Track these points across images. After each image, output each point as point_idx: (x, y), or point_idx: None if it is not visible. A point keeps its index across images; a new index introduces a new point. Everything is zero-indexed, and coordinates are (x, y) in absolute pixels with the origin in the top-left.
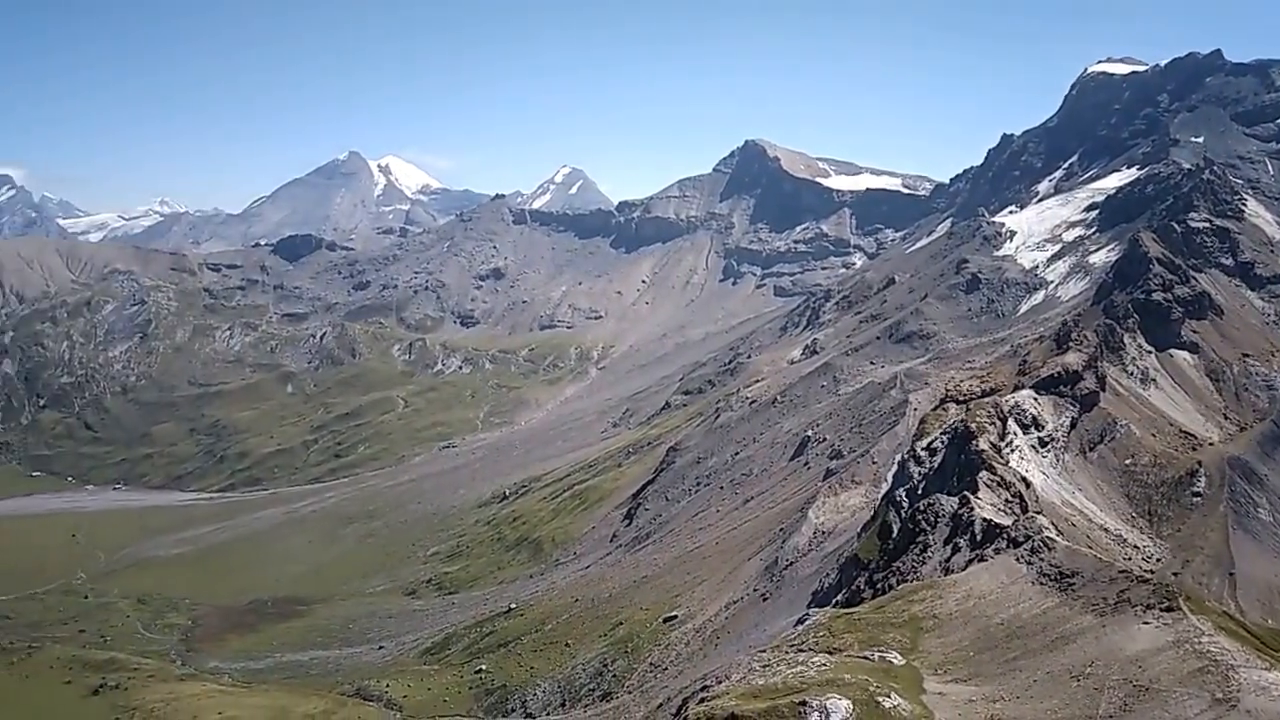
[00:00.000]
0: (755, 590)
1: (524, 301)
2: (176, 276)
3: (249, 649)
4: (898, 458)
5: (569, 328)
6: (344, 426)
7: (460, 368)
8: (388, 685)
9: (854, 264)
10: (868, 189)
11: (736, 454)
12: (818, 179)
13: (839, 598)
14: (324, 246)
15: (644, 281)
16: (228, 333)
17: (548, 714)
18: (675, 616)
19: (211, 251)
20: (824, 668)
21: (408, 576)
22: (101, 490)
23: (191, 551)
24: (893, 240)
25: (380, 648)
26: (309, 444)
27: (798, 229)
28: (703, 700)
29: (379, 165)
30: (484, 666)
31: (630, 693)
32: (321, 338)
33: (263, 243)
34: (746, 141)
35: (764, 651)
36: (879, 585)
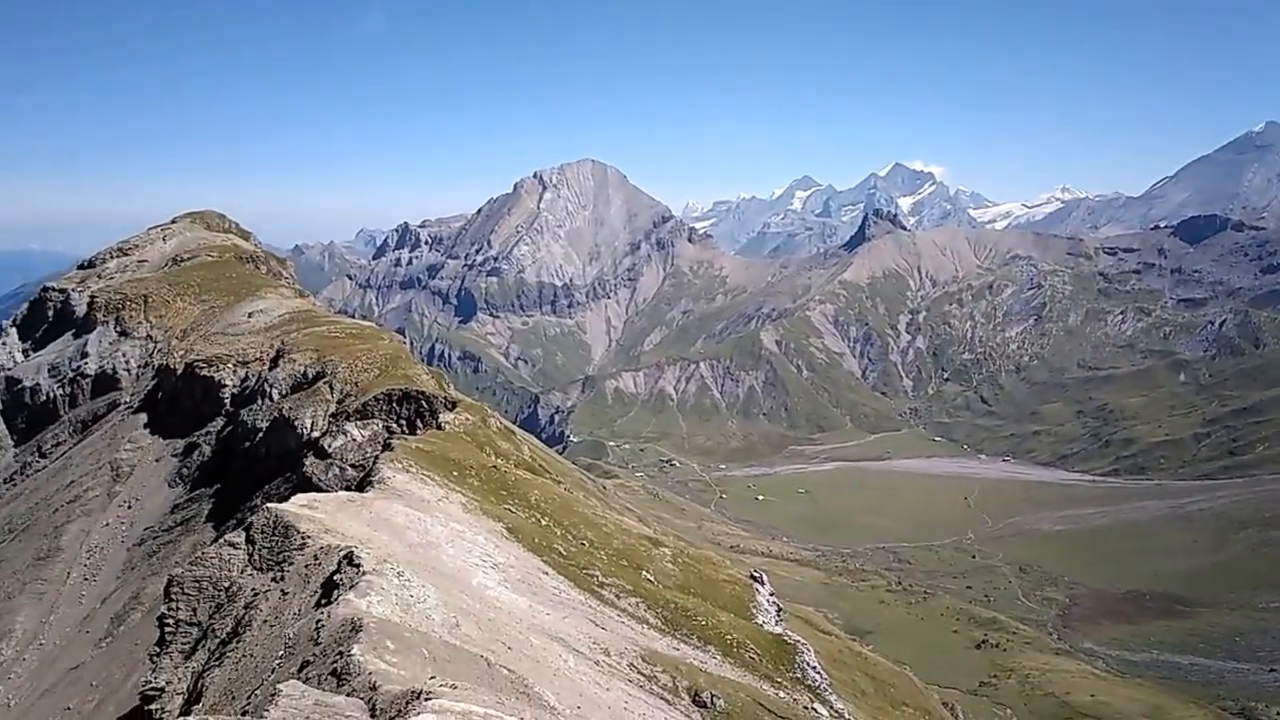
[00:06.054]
0: None
1: None
2: (1072, 261)
3: (1124, 639)
4: None
5: None
6: (1241, 422)
7: None
8: (1278, 713)
9: None
10: None
11: None
12: None
13: None
14: (1230, 227)
15: None
16: (1120, 317)
17: None
18: None
19: (1108, 235)
20: None
21: None
22: (991, 461)
23: (1071, 530)
24: None
25: (1271, 670)
26: (1200, 437)
27: None
28: None
29: None
30: None
31: None
32: (1221, 325)
33: (1162, 225)
34: None
35: None
36: None
